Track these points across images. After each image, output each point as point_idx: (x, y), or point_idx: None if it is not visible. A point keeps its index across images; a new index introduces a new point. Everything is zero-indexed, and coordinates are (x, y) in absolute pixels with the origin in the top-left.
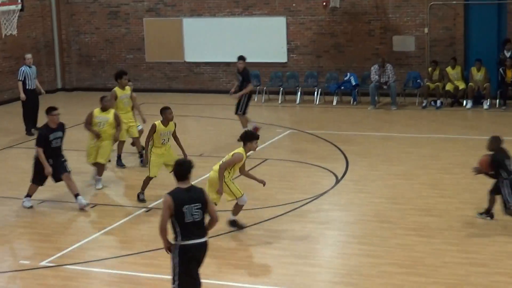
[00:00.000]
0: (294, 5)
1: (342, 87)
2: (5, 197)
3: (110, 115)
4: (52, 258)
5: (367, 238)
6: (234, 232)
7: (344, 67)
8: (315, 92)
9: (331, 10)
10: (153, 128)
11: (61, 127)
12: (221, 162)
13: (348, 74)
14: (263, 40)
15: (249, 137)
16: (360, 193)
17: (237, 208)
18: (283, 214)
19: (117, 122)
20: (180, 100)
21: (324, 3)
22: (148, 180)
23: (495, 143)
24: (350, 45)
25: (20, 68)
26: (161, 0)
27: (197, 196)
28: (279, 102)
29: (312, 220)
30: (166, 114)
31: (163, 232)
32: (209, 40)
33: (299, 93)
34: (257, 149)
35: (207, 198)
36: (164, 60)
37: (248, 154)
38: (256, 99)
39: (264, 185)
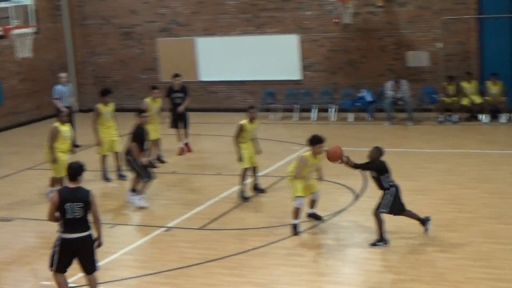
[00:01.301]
0: (306, 22)
1: (358, 104)
2: (26, 218)
3: (69, 127)
4: (74, 278)
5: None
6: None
7: (359, 83)
8: (331, 109)
9: (343, 26)
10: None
11: None
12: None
13: (363, 90)
14: (277, 58)
15: (312, 142)
16: None
17: (294, 211)
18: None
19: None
20: (195, 119)
21: (336, 20)
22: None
23: (377, 153)
24: (364, 61)
25: (54, 87)
26: (174, 20)
27: (81, 196)
28: (295, 119)
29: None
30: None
31: (51, 220)
32: (222, 59)
33: (314, 110)
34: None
35: (92, 200)
36: None
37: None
38: (271, 117)
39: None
